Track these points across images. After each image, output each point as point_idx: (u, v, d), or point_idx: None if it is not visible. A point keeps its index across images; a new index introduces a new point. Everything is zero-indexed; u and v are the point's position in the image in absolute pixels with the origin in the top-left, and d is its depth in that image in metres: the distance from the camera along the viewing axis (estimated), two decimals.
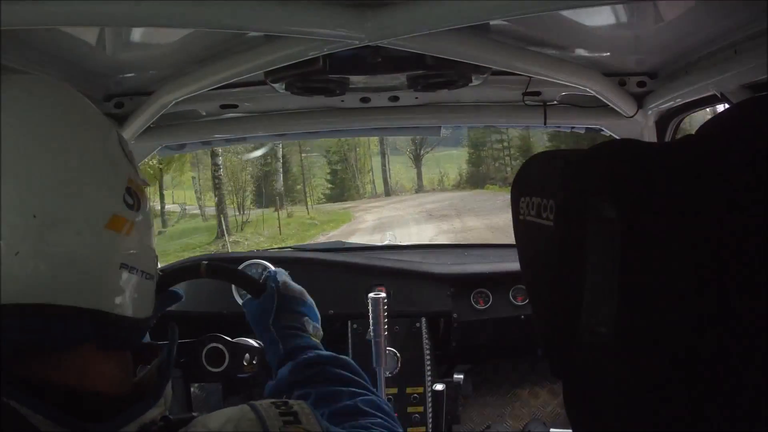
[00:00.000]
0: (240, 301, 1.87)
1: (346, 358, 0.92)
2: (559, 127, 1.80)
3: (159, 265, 0.69)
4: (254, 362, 1.30)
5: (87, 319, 0.56)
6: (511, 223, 0.56)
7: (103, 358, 0.59)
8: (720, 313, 0.37)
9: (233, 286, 1.68)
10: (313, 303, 1.03)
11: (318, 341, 0.98)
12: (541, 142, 22.59)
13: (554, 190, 0.46)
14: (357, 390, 0.85)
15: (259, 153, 20.29)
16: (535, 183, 0.51)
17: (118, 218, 0.58)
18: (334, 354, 0.92)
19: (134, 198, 0.61)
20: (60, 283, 0.54)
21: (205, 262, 0.95)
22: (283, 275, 1.04)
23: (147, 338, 0.80)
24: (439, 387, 1.77)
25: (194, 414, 0.62)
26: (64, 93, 0.62)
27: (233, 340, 1.37)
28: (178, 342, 0.72)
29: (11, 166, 0.53)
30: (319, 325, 1.01)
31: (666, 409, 0.39)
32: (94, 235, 0.56)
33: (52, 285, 0.54)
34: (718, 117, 0.40)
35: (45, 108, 0.58)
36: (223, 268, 1.04)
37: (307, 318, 0.99)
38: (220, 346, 1.38)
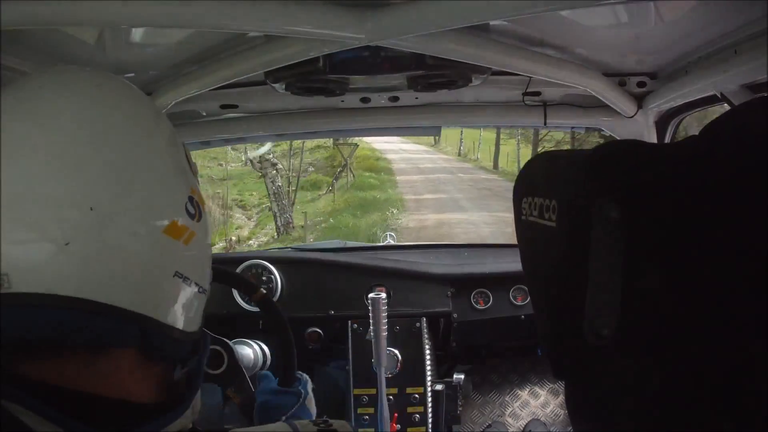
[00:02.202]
0: (242, 304, 1.87)
1: None
2: (558, 127, 1.80)
3: None
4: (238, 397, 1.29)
5: (134, 324, 0.53)
6: None
7: (140, 366, 0.56)
8: (723, 314, 0.37)
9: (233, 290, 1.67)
10: None
11: None
12: None
13: (557, 190, 0.46)
14: None
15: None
16: (537, 183, 0.51)
17: (177, 225, 0.57)
18: None
19: (196, 209, 0.60)
20: (110, 282, 0.52)
21: (264, 291, 0.96)
22: (309, 384, 1.06)
23: None
24: (439, 387, 1.77)
25: (227, 427, 0.60)
26: (139, 94, 0.61)
27: (233, 344, 1.38)
28: None
29: (75, 156, 0.52)
30: None
31: (668, 410, 0.39)
32: (150, 238, 0.55)
33: (101, 282, 0.52)
34: (721, 118, 0.40)
35: (119, 104, 0.58)
36: (275, 309, 1.05)
37: None
38: (219, 348, 1.38)
